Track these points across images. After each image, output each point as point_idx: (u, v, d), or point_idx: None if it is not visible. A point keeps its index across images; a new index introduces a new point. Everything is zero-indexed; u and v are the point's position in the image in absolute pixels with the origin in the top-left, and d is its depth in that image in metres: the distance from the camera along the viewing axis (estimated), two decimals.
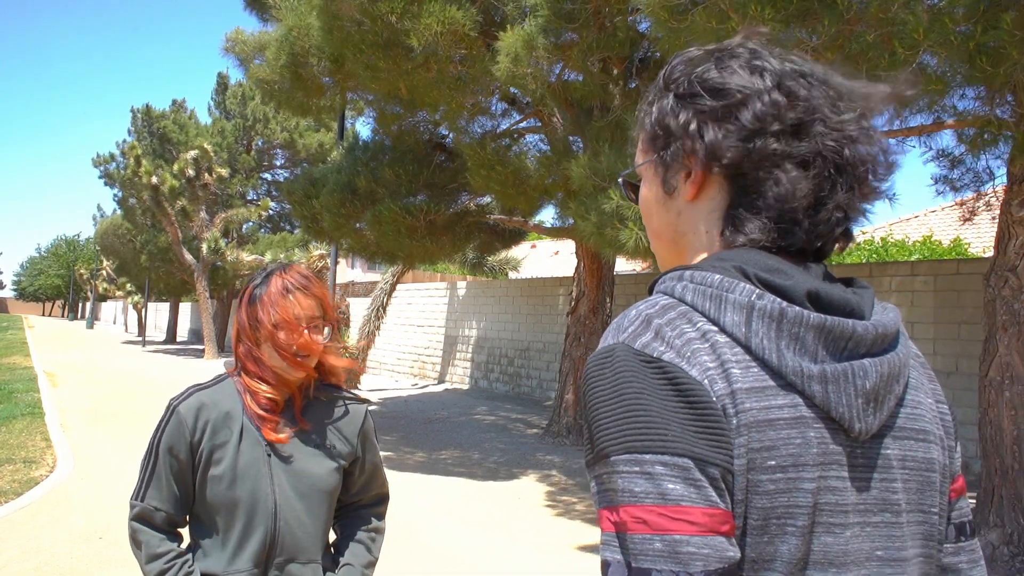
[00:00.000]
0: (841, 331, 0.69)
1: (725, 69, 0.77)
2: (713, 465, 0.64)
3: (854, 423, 0.68)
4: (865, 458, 0.71)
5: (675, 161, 0.79)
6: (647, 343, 0.68)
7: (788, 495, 0.66)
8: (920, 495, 0.75)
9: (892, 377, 0.71)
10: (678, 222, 0.81)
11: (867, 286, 0.78)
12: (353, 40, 6.49)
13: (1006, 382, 4.77)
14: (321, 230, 8.88)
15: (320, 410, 1.61)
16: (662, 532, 0.63)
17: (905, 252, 13.20)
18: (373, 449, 1.69)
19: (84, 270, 53.85)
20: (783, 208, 0.73)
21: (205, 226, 21.17)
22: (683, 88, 0.78)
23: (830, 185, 0.73)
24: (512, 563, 4.59)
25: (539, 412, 11.40)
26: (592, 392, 0.69)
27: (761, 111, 0.73)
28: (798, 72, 0.76)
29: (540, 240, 23.81)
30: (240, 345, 1.57)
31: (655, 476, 0.64)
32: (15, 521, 5.11)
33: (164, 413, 1.52)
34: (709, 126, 0.75)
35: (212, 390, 1.55)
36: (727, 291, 0.69)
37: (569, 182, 6.10)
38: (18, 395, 11.38)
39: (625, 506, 0.65)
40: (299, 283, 1.55)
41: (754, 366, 0.68)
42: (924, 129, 5.40)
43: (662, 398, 0.65)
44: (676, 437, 0.64)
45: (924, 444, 0.76)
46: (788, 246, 0.74)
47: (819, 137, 0.73)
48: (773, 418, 0.66)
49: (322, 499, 1.56)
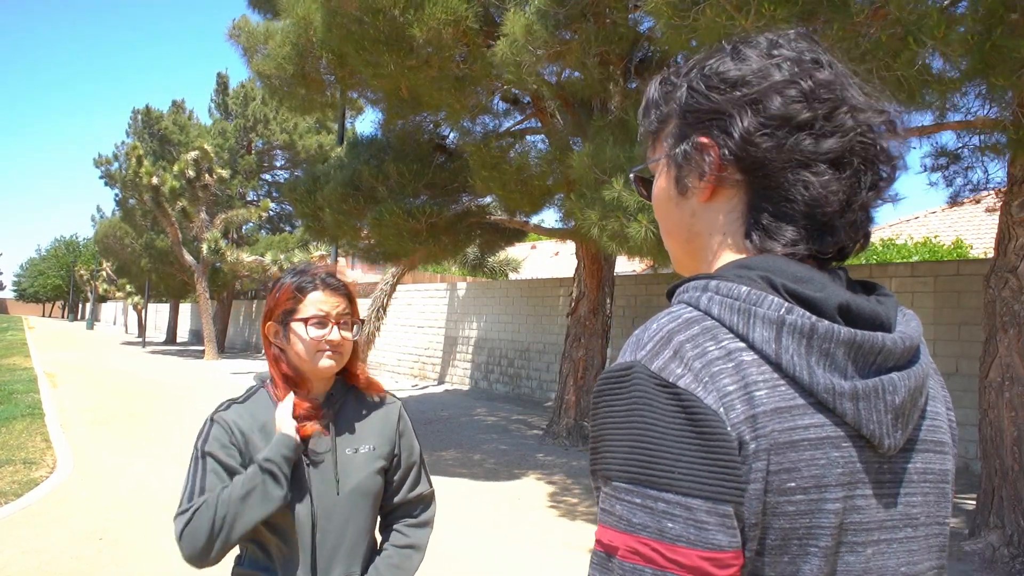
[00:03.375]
0: (871, 346, 0.66)
1: (740, 58, 0.73)
2: (723, 502, 0.62)
3: (884, 439, 0.67)
4: (891, 473, 0.69)
5: (687, 159, 0.76)
6: (664, 365, 0.65)
7: (810, 516, 0.65)
8: (937, 507, 0.73)
9: (918, 390, 0.70)
10: (692, 223, 0.78)
11: (890, 293, 0.76)
12: (354, 37, 6.48)
13: (1006, 383, 4.76)
14: (322, 228, 8.87)
15: (354, 411, 1.60)
16: (654, 567, 0.62)
17: (905, 253, 13.20)
18: (411, 446, 1.65)
19: (84, 271, 53.85)
20: (815, 213, 0.70)
21: (205, 227, 21.17)
22: (697, 80, 0.75)
23: (859, 183, 0.70)
24: (513, 563, 4.59)
25: (539, 413, 11.40)
26: (604, 410, 0.68)
27: (790, 100, 0.69)
28: (819, 60, 0.72)
29: (540, 241, 23.81)
30: (270, 348, 1.57)
31: (656, 512, 0.63)
32: (15, 522, 5.10)
33: (204, 425, 1.51)
34: (727, 120, 0.72)
35: (248, 404, 1.55)
36: (755, 305, 0.66)
37: (570, 180, 6.10)
38: (18, 396, 11.38)
39: (621, 533, 0.64)
40: (327, 279, 1.56)
41: (782, 384, 0.65)
42: (926, 129, 5.40)
43: (675, 430, 0.63)
44: (684, 475, 0.62)
45: (941, 456, 0.75)
46: (819, 253, 0.71)
47: (849, 130, 0.69)
48: (797, 439, 0.64)
49: (364, 505, 1.53)
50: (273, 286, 1.59)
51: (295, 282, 1.54)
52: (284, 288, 1.55)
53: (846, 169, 0.70)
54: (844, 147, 0.69)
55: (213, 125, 25.96)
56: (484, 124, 8.38)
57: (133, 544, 4.66)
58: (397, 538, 1.61)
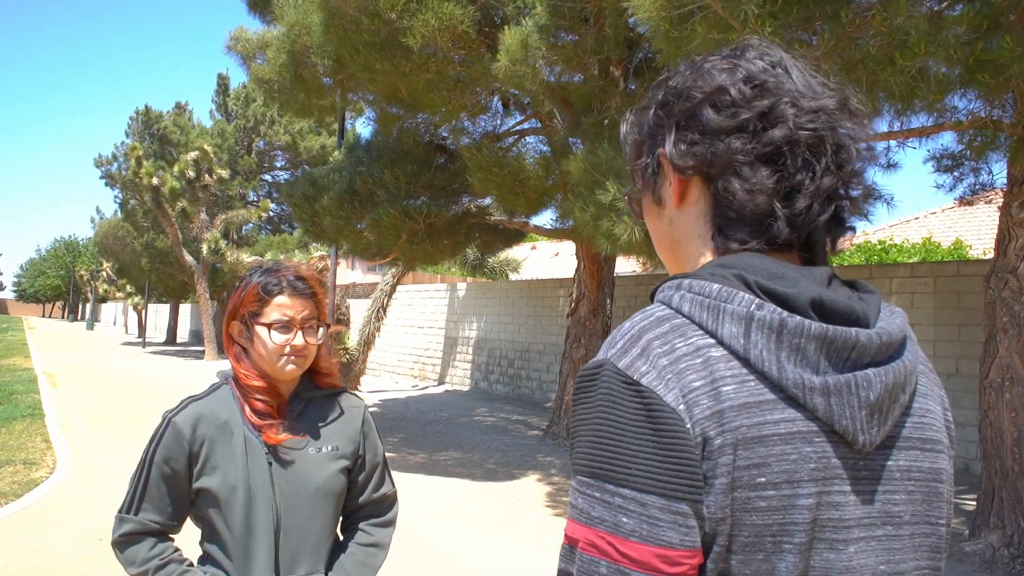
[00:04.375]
0: (844, 341, 0.66)
1: (700, 72, 0.76)
2: (678, 500, 0.63)
3: (858, 435, 0.67)
4: (869, 470, 0.69)
5: (656, 171, 0.80)
6: (631, 362, 0.67)
7: (783, 512, 0.64)
8: (926, 506, 0.73)
9: (897, 387, 0.69)
10: (672, 230, 0.81)
11: (873, 290, 0.76)
12: (351, 40, 6.48)
13: (1006, 384, 4.77)
14: (321, 231, 8.88)
15: (318, 411, 1.58)
16: (608, 560, 0.64)
17: (905, 254, 13.20)
18: (375, 446, 1.64)
19: (84, 271, 53.88)
20: (746, 214, 0.72)
21: (205, 227, 21.18)
22: (663, 96, 0.79)
23: (807, 171, 0.71)
24: (513, 563, 4.59)
25: (539, 413, 11.40)
26: (576, 407, 0.71)
27: (722, 106, 0.72)
28: (776, 63, 0.74)
29: (540, 242, 23.81)
30: (232, 346, 1.54)
31: (613, 506, 0.64)
32: (15, 522, 5.10)
33: (159, 425, 1.48)
34: (673, 131, 0.75)
35: (208, 400, 1.52)
36: (725, 301, 0.67)
37: (568, 182, 6.11)
38: (18, 396, 11.38)
39: (581, 525, 0.66)
40: (293, 282, 1.53)
41: (751, 380, 0.66)
42: (925, 131, 5.40)
43: (634, 427, 0.65)
44: (640, 472, 0.64)
45: (931, 454, 0.74)
46: (772, 240, 0.72)
47: (791, 120, 0.70)
48: (766, 434, 0.65)
49: (327, 503, 1.52)
50: (239, 284, 1.55)
51: (261, 283, 1.51)
52: (250, 289, 1.52)
53: (786, 159, 0.70)
54: (781, 139, 0.70)
55: (213, 126, 25.98)
56: (481, 126, 8.39)
57: None
58: (361, 536, 1.61)
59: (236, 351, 1.54)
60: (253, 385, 1.50)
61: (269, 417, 1.49)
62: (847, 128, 0.72)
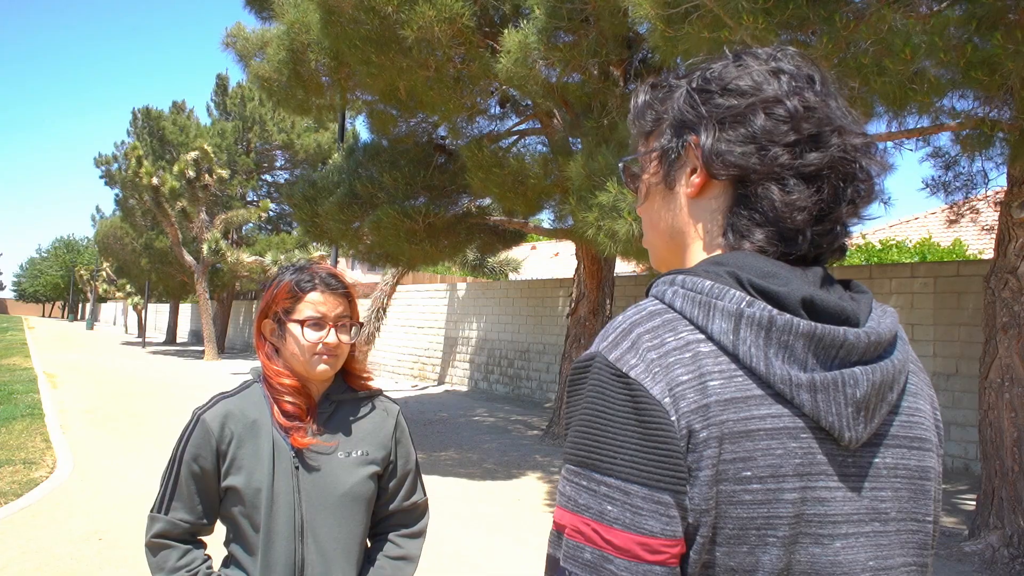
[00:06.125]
0: (832, 339, 0.68)
1: (742, 67, 0.75)
2: (660, 490, 0.64)
3: (844, 432, 0.68)
4: (856, 467, 0.70)
5: (678, 156, 0.78)
6: (621, 355, 0.68)
7: (767, 506, 0.66)
8: (913, 503, 0.74)
9: (885, 385, 0.70)
10: (677, 217, 0.80)
11: (865, 290, 0.77)
12: (350, 36, 6.47)
13: (1006, 384, 4.77)
14: (322, 232, 8.88)
15: (349, 414, 1.54)
16: (592, 546, 0.65)
17: (904, 254, 13.20)
18: (407, 452, 1.59)
19: (84, 271, 53.90)
20: (779, 225, 0.73)
21: (205, 227, 21.17)
22: (697, 82, 0.77)
23: (836, 198, 0.73)
24: (512, 563, 4.59)
25: (539, 414, 11.40)
26: (568, 398, 0.72)
27: (776, 119, 0.72)
28: (817, 78, 0.75)
29: (540, 242, 23.82)
30: (264, 345, 1.51)
31: (598, 495, 0.66)
32: (15, 522, 5.10)
33: (189, 422, 1.45)
34: (715, 128, 0.74)
35: (238, 398, 1.49)
36: (716, 298, 0.69)
37: (567, 182, 6.11)
38: (18, 396, 11.38)
39: (568, 512, 0.68)
40: (327, 279, 1.50)
41: (739, 375, 0.67)
42: (923, 131, 5.41)
43: (621, 418, 0.66)
44: (625, 462, 0.65)
45: (919, 452, 0.75)
46: (788, 253, 0.73)
47: (834, 148, 0.72)
48: (752, 429, 0.66)
49: (355, 510, 1.48)
50: (271, 282, 1.53)
51: (294, 280, 1.49)
52: (283, 286, 1.49)
53: (823, 183, 0.72)
54: (824, 163, 0.72)
55: (213, 125, 25.98)
56: (480, 126, 8.38)
57: (133, 544, 4.66)
58: (391, 549, 1.56)
59: (267, 349, 1.51)
60: (283, 384, 1.46)
61: (297, 419, 1.46)
62: (867, 163, 0.75)
